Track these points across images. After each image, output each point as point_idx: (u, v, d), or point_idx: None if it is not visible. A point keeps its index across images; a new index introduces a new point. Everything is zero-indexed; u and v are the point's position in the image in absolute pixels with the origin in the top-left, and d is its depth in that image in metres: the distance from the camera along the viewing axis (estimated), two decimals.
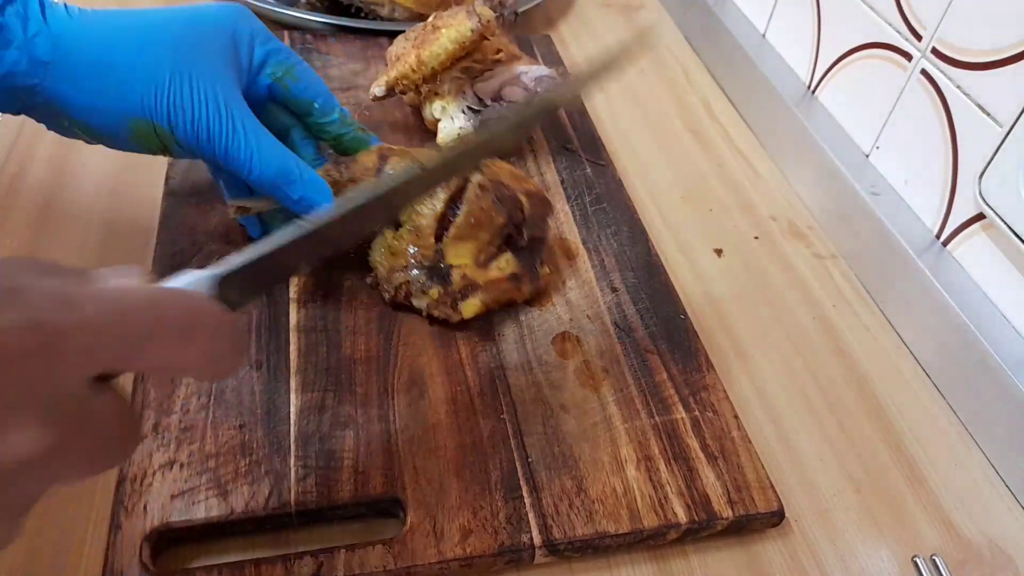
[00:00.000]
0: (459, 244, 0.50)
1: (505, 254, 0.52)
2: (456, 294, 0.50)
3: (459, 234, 0.50)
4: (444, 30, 0.62)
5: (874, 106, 0.65)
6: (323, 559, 0.39)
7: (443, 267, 0.50)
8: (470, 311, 0.50)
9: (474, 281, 0.50)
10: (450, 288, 0.50)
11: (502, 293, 0.52)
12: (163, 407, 0.45)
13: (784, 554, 0.45)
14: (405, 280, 0.50)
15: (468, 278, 0.50)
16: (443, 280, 0.50)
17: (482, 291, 0.51)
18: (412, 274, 0.50)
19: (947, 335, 0.55)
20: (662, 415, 0.48)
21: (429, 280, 0.50)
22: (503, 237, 0.52)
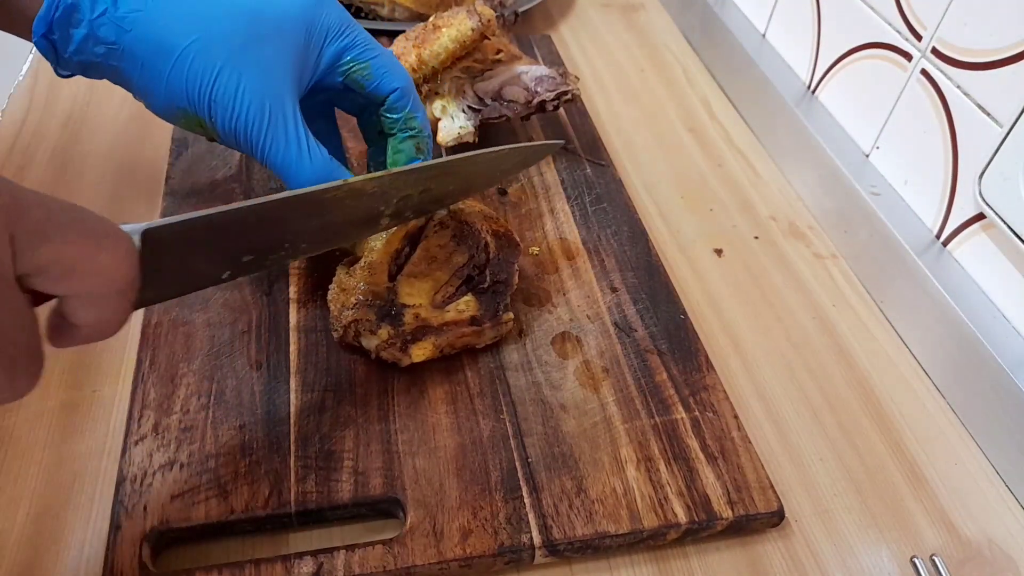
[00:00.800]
0: (413, 282, 0.48)
1: (465, 296, 0.49)
2: (407, 336, 0.47)
3: (414, 271, 0.48)
4: (445, 29, 0.62)
5: (874, 106, 0.65)
6: (323, 559, 0.39)
7: (395, 307, 0.47)
8: (420, 355, 0.47)
9: (428, 322, 0.47)
10: (401, 329, 0.47)
11: (458, 337, 0.48)
12: (163, 407, 0.45)
13: (784, 554, 0.45)
14: (355, 319, 0.47)
15: (422, 319, 0.47)
16: (394, 320, 0.47)
17: (435, 333, 0.47)
18: (361, 313, 0.47)
19: (947, 335, 0.55)
20: (662, 415, 0.48)
21: (379, 320, 0.47)
22: (463, 278, 0.50)
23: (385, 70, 0.49)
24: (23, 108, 0.66)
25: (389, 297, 0.48)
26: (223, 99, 0.43)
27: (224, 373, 0.47)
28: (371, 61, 0.49)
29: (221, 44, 0.43)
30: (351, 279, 0.48)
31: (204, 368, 0.47)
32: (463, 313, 0.49)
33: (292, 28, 0.45)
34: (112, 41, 0.43)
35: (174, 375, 0.47)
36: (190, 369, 0.47)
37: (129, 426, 0.44)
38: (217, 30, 0.43)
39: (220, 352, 0.48)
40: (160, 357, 0.47)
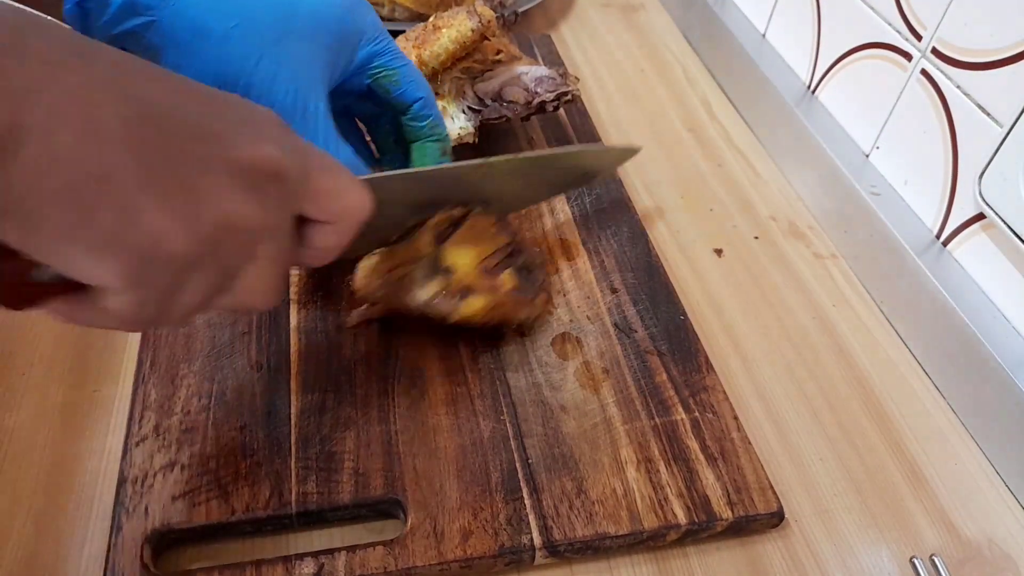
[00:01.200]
0: (460, 248, 0.49)
1: (507, 271, 0.50)
2: (457, 291, 0.48)
3: (461, 239, 0.49)
4: (445, 30, 0.62)
5: (874, 106, 0.65)
6: (324, 560, 0.39)
7: (441, 267, 0.48)
8: (471, 308, 0.48)
9: (473, 287, 0.48)
10: (452, 286, 0.48)
11: (500, 304, 0.49)
12: (164, 408, 0.45)
13: (784, 554, 0.45)
14: (403, 274, 0.47)
15: (468, 283, 0.48)
16: (444, 276, 0.48)
17: (484, 294, 0.49)
18: (410, 269, 0.48)
19: (947, 335, 0.55)
20: (662, 416, 0.48)
21: (429, 275, 0.48)
22: (506, 254, 0.51)
23: (411, 79, 0.51)
24: None
25: (434, 258, 0.48)
26: (260, 85, 0.43)
27: (225, 374, 0.47)
28: (400, 69, 0.50)
29: (260, 33, 0.43)
30: (390, 252, 0.48)
31: (205, 369, 0.47)
32: (506, 284, 0.50)
33: (326, 27, 0.45)
34: (151, 9, 0.42)
35: (175, 376, 0.47)
36: (191, 370, 0.47)
37: (130, 427, 0.44)
38: (258, 18, 0.43)
39: (221, 353, 0.48)
40: (161, 358, 0.48)
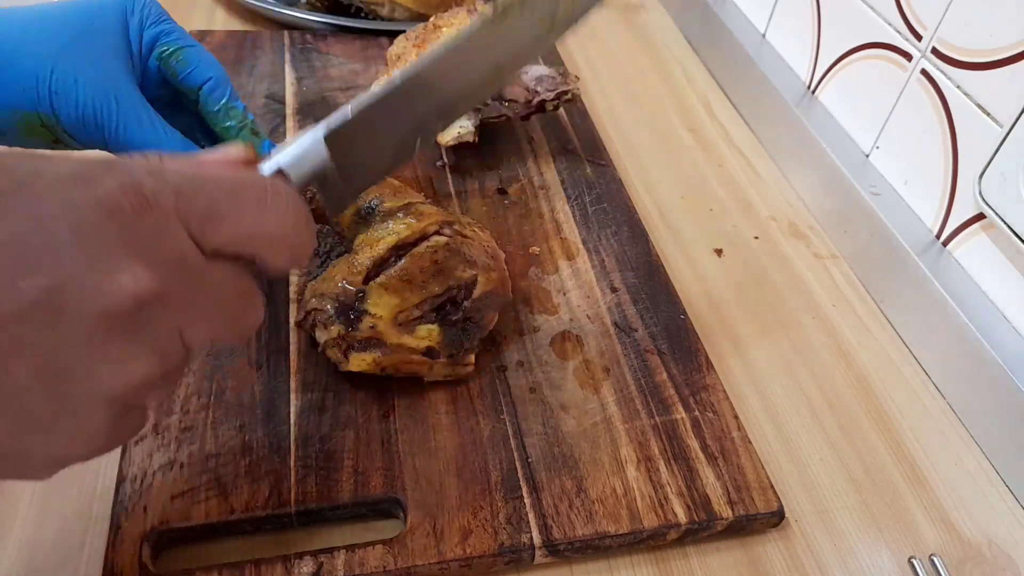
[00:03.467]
0: (383, 294, 0.46)
1: (429, 325, 0.47)
2: (355, 342, 0.45)
3: (386, 283, 0.46)
4: (445, 29, 0.62)
5: (874, 106, 0.65)
6: (323, 559, 0.39)
7: (356, 310, 0.46)
8: (358, 365, 0.45)
9: (382, 337, 0.45)
10: (353, 333, 0.45)
11: (404, 362, 0.46)
12: (163, 407, 0.45)
13: (784, 554, 0.45)
14: (315, 308, 0.46)
15: (377, 331, 0.45)
16: (350, 322, 0.45)
17: (383, 350, 0.46)
18: (324, 304, 0.46)
19: (947, 335, 0.55)
20: (662, 415, 0.48)
21: (337, 316, 0.45)
22: (434, 307, 0.47)
23: (199, 59, 0.50)
24: None
25: (356, 298, 0.46)
26: (65, 91, 0.43)
27: (224, 373, 0.47)
28: (185, 48, 0.49)
29: (49, 41, 0.43)
30: (333, 271, 0.47)
31: (204, 368, 0.47)
32: (422, 341, 0.46)
33: (114, 15, 0.46)
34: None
35: None
36: (190, 369, 0.47)
37: None
38: (42, 30, 0.43)
39: (220, 352, 0.48)
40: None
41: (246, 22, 0.82)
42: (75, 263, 0.26)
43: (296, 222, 0.33)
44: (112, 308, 0.26)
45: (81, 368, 0.26)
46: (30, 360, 0.25)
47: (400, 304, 0.46)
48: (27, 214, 0.25)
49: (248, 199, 0.31)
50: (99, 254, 0.26)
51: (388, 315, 0.46)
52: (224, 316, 0.31)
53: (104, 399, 0.27)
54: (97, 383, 0.27)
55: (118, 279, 0.26)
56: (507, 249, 0.58)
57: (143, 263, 0.27)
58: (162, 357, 0.28)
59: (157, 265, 0.27)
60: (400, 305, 0.46)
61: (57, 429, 0.27)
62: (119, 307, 0.26)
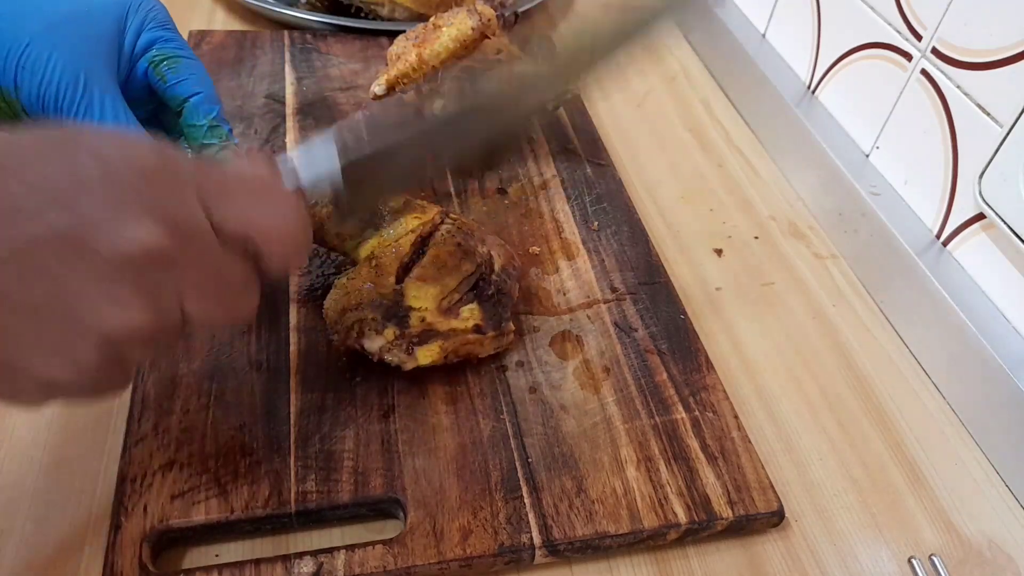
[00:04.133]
0: (421, 286, 0.47)
1: (471, 304, 0.48)
2: (413, 338, 0.46)
3: (423, 275, 0.47)
4: (445, 29, 0.62)
5: (874, 106, 0.65)
6: (323, 559, 0.39)
7: (401, 308, 0.46)
8: (426, 358, 0.46)
9: (433, 327, 0.46)
10: (407, 331, 0.46)
11: (463, 344, 0.47)
12: (163, 407, 0.45)
13: (784, 554, 0.45)
14: (358, 319, 0.46)
15: (427, 323, 0.46)
16: (400, 322, 0.46)
17: (442, 338, 0.47)
18: (366, 313, 0.46)
19: (947, 335, 0.55)
20: (662, 415, 0.48)
21: (385, 320, 0.46)
22: (471, 285, 0.49)
23: (192, 72, 0.49)
24: None
25: (395, 298, 0.47)
26: (34, 65, 0.43)
27: (224, 373, 0.47)
28: (180, 58, 0.49)
29: (33, 18, 0.43)
30: (355, 281, 0.47)
31: (204, 368, 0.47)
32: (468, 321, 0.48)
33: (111, 12, 0.46)
34: None
35: (174, 375, 0.47)
36: (190, 369, 0.47)
37: (129, 426, 0.44)
38: (30, 5, 0.43)
39: (220, 352, 0.48)
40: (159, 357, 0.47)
41: (246, 22, 0.82)
42: (99, 208, 0.28)
43: (297, 224, 0.35)
44: (125, 254, 0.29)
45: (87, 301, 0.29)
46: (48, 284, 0.28)
47: (441, 291, 0.47)
48: (64, 161, 0.29)
49: (258, 190, 0.34)
50: (121, 204, 0.29)
51: (433, 305, 0.47)
52: (222, 296, 0.33)
53: (100, 335, 0.29)
54: (98, 318, 0.29)
55: (134, 229, 0.29)
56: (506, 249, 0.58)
57: (159, 221, 0.29)
58: (159, 314, 0.30)
59: (171, 226, 0.30)
60: (441, 292, 0.47)
61: (54, 352, 0.29)
62: (131, 254, 0.29)
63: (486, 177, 0.65)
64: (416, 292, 0.47)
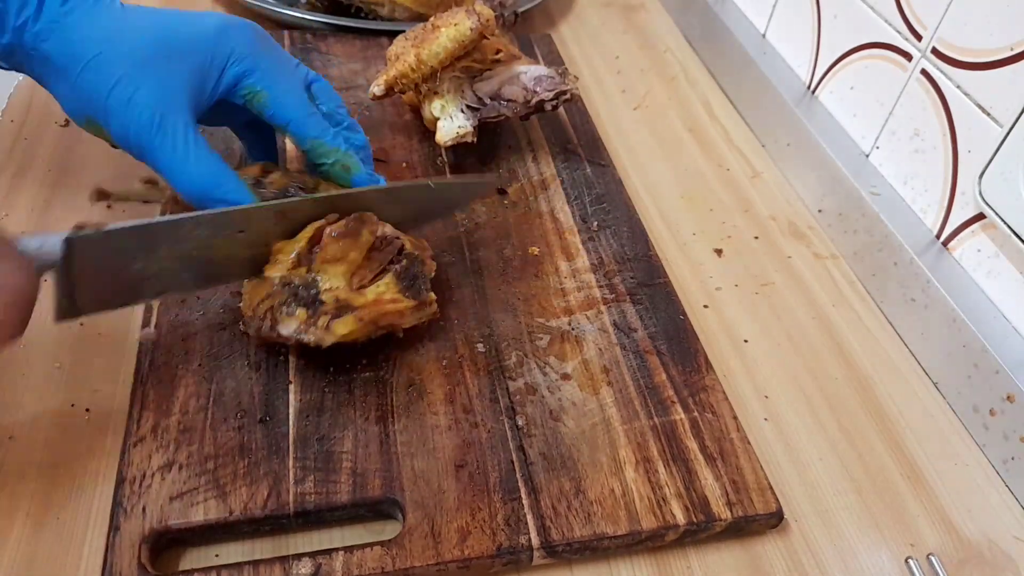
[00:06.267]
0: (328, 268, 0.47)
1: (384, 278, 0.48)
2: (327, 315, 0.45)
3: (326, 256, 0.47)
4: (444, 29, 0.62)
5: (874, 106, 0.65)
6: (321, 560, 0.39)
7: (311, 290, 0.46)
8: (342, 329, 0.45)
9: (348, 303, 0.46)
10: (320, 308, 0.45)
11: (381, 315, 0.47)
12: (162, 408, 0.45)
13: (784, 554, 0.45)
14: (268, 307, 0.45)
15: (341, 300, 0.46)
16: (310, 302, 0.45)
17: (359, 310, 0.46)
18: (275, 298, 0.45)
19: (947, 335, 0.55)
20: (661, 416, 0.48)
21: (293, 303, 0.45)
22: (381, 261, 0.49)
23: (280, 101, 0.51)
24: (23, 109, 0.66)
25: (307, 283, 0.46)
26: (116, 107, 0.46)
27: (223, 374, 0.47)
28: (266, 90, 0.51)
29: (122, 59, 0.46)
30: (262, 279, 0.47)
31: (203, 369, 0.47)
32: (383, 294, 0.47)
33: (196, 50, 0.48)
34: (33, 48, 0.46)
35: (173, 376, 0.47)
36: (189, 370, 0.47)
37: (128, 427, 0.44)
38: (121, 46, 0.46)
39: (219, 353, 0.48)
40: (159, 358, 0.48)
41: None
42: None
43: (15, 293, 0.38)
44: None
45: None
46: None
47: (349, 268, 0.47)
48: None
49: None
50: None
51: (343, 282, 0.47)
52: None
53: None
54: None
55: None
56: (506, 249, 0.58)
57: None
58: None
59: None
60: (349, 268, 0.47)
61: None
62: None
63: None
64: (325, 274, 0.47)
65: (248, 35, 0.50)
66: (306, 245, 0.47)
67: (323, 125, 0.52)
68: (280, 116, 0.51)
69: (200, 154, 0.47)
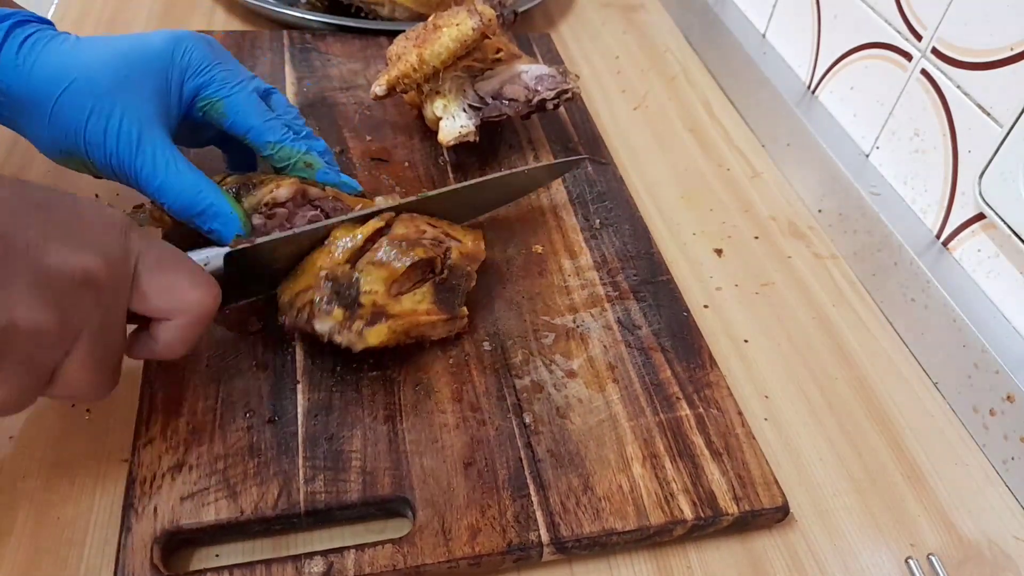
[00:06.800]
0: (371, 270, 0.48)
1: (422, 288, 0.49)
2: (362, 319, 0.46)
3: (372, 259, 0.48)
4: (445, 29, 0.62)
5: (874, 106, 0.66)
6: (333, 559, 0.40)
7: (351, 291, 0.47)
8: (375, 338, 0.46)
9: (384, 309, 0.47)
10: (357, 311, 0.46)
11: (413, 326, 0.48)
12: (171, 409, 0.45)
13: (784, 554, 0.46)
14: (308, 300, 0.46)
15: (378, 305, 0.47)
16: (349, 303, 0.46)
17: (393, 319, 0.47)
18: (315, 295, 0.46)
19: (947, 335, 0.55)
20: (667, 412, 0.49)
21: (334, 301, 0.46)
22: (422, 271, 0.50)
23: (237, 108, 0.52)
24: None
25: (348, 280, 0.47)
26: (94, 139, 0.47)
27: (231, 374, 0.47)
28: (224, 99, 0.52)
29: (89, 91, 0.47)
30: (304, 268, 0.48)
31: (210, 370, 0.47)
32: (419, 303, 0.49)
33: (153, 68, 0.49)
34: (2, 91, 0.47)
35: (181, 377, 0.47)
36: (197, 371, 0.47)
37: (137, 428, 0.44)
38: (86, 77, 0.47)
39: (226, 354, 0.48)
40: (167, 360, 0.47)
41: (246, 22, 0.82)
42: None
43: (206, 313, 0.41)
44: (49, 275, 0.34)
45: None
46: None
47: (391, 275, 0.48)
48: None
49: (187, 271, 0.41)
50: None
51: (383, 288, 0.47)
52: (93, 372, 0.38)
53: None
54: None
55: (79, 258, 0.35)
56: (510, 248, 0.58)
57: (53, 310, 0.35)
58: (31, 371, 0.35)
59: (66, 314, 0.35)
60: (391, 275, 0.48)
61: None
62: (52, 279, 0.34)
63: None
64: (367, 276, 0.48)
65: (201, 48, 0.51)
66: (361, 242, 0.49)
67: (282, 130, 0.54)
68: (240, 124, 0.52)
69: (180, 168, 0.48)
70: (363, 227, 0.49)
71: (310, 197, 0.53)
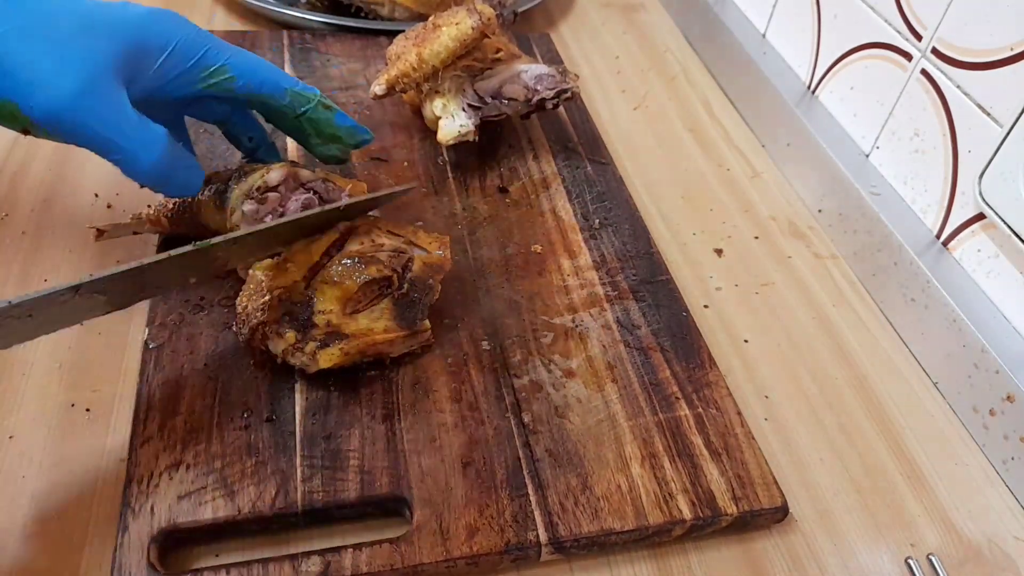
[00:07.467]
0: (325, 289, 0.47)
1: (380, 304, 0.48)
2: (316, 340, 0.46)
3: (326, 278, 0.47)
4: (445, 28, 0.62)
5: (874, 106, 0.66)
6: (330, 558, 0.39)
7: (306, 311, 0.46)
8: (327, 361, 0.45)
9: (339, 329, 0.46)
10: (310, 333, 0.46)
11: (369, 346, 0.47)
12: (168, 408, 0.45)
13: (784, 554, 0.46)
14: (261, 320, 0.45)
15: (332, 325, 0.46)
16: (303, 325, 0.46)
17: (346, 341, 0.46)
18: (269, 315, 0.46)
19: (947, 335, 0.55)
20: (666, 412, 0.49)
21: (286, 324, 0.46)
22: (377, 289, 0.49)
23: (246, 69, 0.50)
24: None
25: (302, 299, 0.47)
26: (41, 79, 0.42)
27: (229, 373, 0.47)
28: (227, 62, 0.49)
29: (45, 32, 0.43)
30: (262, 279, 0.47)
31: (208, 369, 0.47)
32: (377, 321, 0.47)
33: (120, 32, 0.45)
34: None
35: (179, 376, 0.47)
36: (195, 370, 0.47)
37: (135, 427, 0.44)
38: (40, 19, 0.43)
39: (224, 352, 0.48)
40: (164, 358, 0.47)
41: (246, 22, 0.82)
42: None
43: None
44: None
45: None
46: None
47: (344, 293, 0.47)
48: None
49: None
50: None
51: (337, 307, 0.47)
52: None
53: None
54: None
55: None
56: (509, 247, 0.58)
57: None
58: None
59: None
60: (344, 294, 0.47)
61: None
62: None
63: (487, 175, 0.65)
64: (321, 296, 0.47)
65: (182, 20, 0.49)
66: (317, 260, 0.48)
67: (292, 77, 0.52)
68: (251, 80, 0.50)
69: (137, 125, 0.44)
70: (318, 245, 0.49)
71: (302, 180, 0.52)
